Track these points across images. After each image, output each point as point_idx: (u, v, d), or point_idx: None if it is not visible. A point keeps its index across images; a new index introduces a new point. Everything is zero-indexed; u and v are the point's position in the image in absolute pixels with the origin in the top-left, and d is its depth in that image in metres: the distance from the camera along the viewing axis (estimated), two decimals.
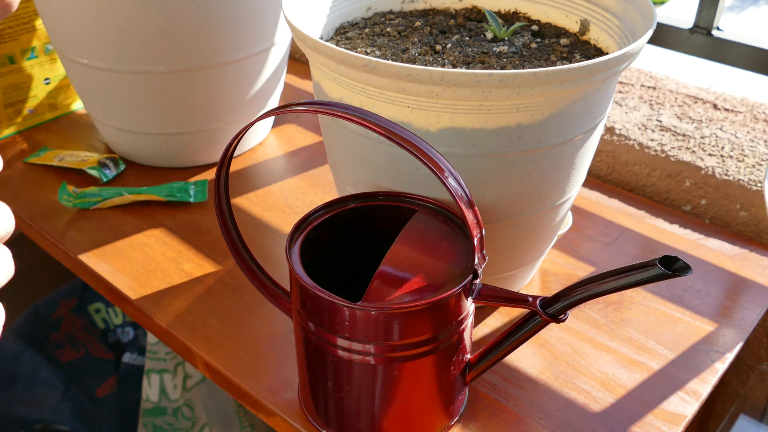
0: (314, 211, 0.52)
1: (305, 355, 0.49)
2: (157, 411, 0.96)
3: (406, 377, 0.47)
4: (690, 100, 0.87)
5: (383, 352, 0.45)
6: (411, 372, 0.47)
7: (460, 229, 0.50)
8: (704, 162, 0.79)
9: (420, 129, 0.50)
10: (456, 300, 0.45)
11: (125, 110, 0.79)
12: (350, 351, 0.46)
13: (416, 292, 0.44)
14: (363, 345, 0.45)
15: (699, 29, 0.77)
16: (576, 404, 0.55)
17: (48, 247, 0.74)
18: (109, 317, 1.15)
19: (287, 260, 0.47)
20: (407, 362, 0.46)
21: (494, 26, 0.60)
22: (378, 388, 0.47)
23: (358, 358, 0.46)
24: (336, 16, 0.64)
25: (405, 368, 0.46)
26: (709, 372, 0.58)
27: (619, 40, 0.58)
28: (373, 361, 0.46)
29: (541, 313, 0.45)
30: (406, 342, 0.45)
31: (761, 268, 0.70)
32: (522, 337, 0.48)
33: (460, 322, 0.47)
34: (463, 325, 0.48)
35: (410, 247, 0.47)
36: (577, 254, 0.71)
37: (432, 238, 0.49)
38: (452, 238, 0.49)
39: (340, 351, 0.46)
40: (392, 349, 0.45)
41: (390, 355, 0.45)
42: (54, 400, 1.03)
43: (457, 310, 0.46)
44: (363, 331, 0.45)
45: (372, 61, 0.47)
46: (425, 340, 0.45)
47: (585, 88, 0.48)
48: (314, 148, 0.88)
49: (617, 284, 0.42)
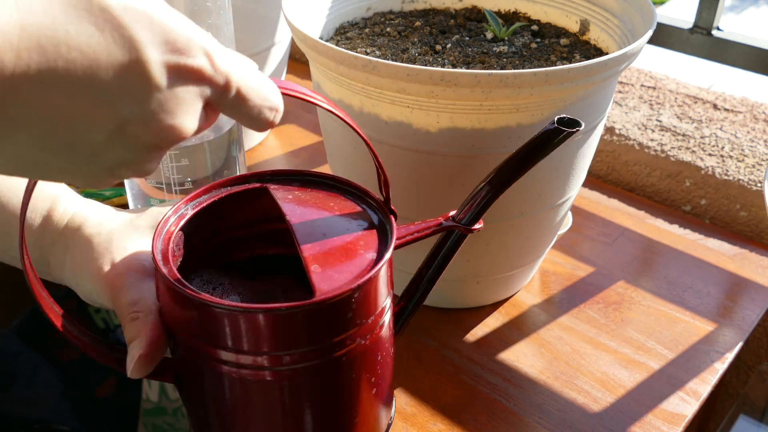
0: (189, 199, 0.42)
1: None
2: (157, 411, 0.96)
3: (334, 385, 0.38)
4: (690, 100, 0.87)
5: (320, 355, 0.36)
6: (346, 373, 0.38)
7: (351, 194, 0.43)
8: (704, 162, 0.79)
9: (420, 129, 0.50)
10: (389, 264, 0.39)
11: None
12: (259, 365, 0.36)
13: (355, 262, 0.37)
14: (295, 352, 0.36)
15: (699, 29, 0.77)
16: (576, 404, 0.55)
17: None
18: (109, 317, 1.15)
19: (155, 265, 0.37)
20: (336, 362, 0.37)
21: (494, 26, 0.60)
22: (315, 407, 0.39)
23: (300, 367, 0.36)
24: (336, 16, 0.64)
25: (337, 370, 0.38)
26: (709, 372, 0.58)
27: (619, 40, 0.58)
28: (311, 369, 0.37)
29: (459, 226, 0.43)
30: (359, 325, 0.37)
31: (761, 268, 0.70)
32: (446, 255, 0.45)
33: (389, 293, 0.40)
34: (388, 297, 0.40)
35: (309, 220, 0.40)
36: (577, 254, 0.71)
37: (320, 208, 0.41)
38: (338, 200, 0.42)
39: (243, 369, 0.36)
40: (334, 346, 0.37)
41: (334, 354, 0.37)
42: (54, 400, 1.03)
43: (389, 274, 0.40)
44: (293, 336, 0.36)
45: (372, 61, 0.47)
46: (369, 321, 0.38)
47: (585, 88, 0.48)
48: (314, 148, 0.88)
49: (515, 163, 0.40)
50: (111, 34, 0.25)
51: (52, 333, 1.11)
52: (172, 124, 0.28)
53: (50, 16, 0.24)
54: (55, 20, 0.24)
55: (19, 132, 0.25)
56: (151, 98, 0.27)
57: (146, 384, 0.95)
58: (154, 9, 0.26)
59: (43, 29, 0.23)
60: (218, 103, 0.30)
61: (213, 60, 0.28)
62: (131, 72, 0.26)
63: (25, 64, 0.23)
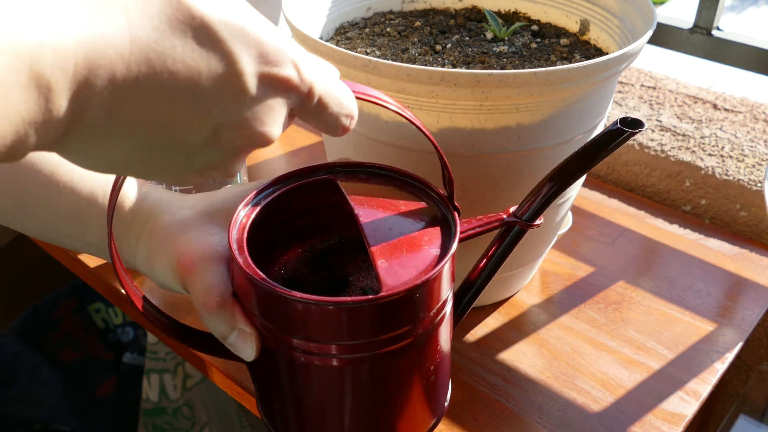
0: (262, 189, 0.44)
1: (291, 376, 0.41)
2: (157, 411, 0.96)
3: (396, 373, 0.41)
4: (690, 100, 0.87)
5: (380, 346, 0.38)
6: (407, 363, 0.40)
7: (419, 189, 0.45)
8: (704, 162, 0.79)
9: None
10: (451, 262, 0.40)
11: None
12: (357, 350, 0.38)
13: (420, 257, 0.39)
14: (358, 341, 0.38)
15: (699, 29, 0.77)
16: (576, 404, 0.55)
17: (48, 247, 0.74)
18: (109, 317, 1.15)
19: (230, 251, 0.40)
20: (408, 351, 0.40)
21: (494, 26, 0.60)
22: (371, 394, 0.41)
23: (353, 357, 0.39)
24: (336, 16, 0.64)
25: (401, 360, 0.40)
26: (709, 372, 0.58)
27: (619, 40, 0.58)
28: (365, 362, 0.39)
29: (520, 222, 0.45)
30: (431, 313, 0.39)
31: (761, 268, 0.70)
32: (505, 250, 0.46)
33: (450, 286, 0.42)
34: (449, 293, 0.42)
35: (375, 214, 0.42)
36: (577, 254, 0.71)
37: (391, 204, 0.43)
38: (408, 198, 0.44)
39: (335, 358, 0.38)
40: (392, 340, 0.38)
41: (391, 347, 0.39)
42: (54, 400, 1.03)
43: (452, 271, 0.41)
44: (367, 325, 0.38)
45: (372, 61, 0.47)
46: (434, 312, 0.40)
47: (585, 88, 0.48)
48: (314, 148, 0.88)
49: (578, 161, 0.41)
50: (211, 47, 0.27)
51: (52, 333, 1.11)
52: (262, 130, 0.31)
53: (158, 31, 0.26)
54: (162, 35, 0.26)
55: (125, 135, 0.27)
56: (244, 106, 0.29)
57: (146, 384, 0.95)
58: (250, 22, 0.29)
59: (151, 43, 0.26)
60: (300, 109, 0.33)
61: (300, 70, 0.31)
62: (228, 82, 0.28)
63: (134, 74, 0.26)
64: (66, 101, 0.24)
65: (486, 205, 0.53)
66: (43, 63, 0.23)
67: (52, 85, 0.23)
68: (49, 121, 0.24)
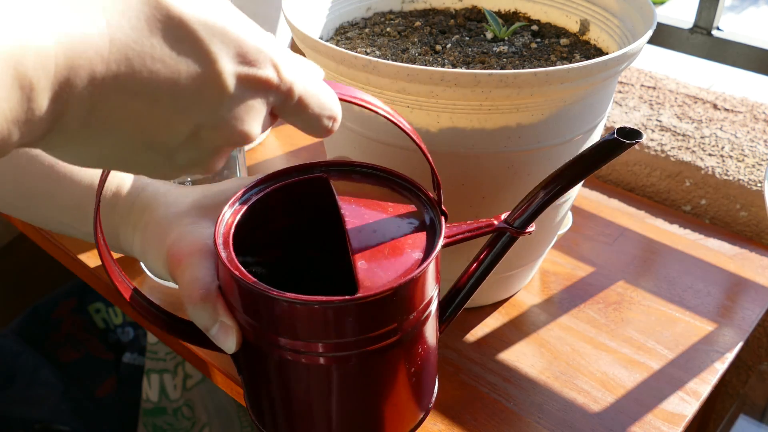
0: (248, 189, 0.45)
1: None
2: (157, 411, 0.96)
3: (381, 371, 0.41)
4: (690, 100, 0.87)
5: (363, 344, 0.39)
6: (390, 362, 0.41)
7: (405, 188, 0.45)
8: (704, 162, 0.79)
9: (420, 129, 0.50)
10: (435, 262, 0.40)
11: None
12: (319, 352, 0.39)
13: (401, 260, 0.39)
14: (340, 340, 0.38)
15: (699, 29, 0.77)
16: (576, 404, 0.55)
17: (48, 247, 0.74)
18: (109, 317, 1.15)
19: (216, 250, 0.40)
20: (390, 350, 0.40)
21: (494, 26, 0.60)
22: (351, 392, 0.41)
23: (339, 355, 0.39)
24: (336, 16, 0.64)
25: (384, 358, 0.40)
26: (709, 372, 0.58)
27: (619, 40, 0.58)
28: (353, 359, 0.39)
29: (511, 229, 0.44)
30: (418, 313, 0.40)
31: (761, 268, 0.70)
32: (495, 257, 0.46)
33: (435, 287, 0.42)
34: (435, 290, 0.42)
35: (362, 215, 0.42)
36: (577, 254, 0.71)
37: (376, 203, 0.43)
38: (394, 197, 0.44)
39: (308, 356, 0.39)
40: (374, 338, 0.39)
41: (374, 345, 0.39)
42: (54, 400, 1.03)
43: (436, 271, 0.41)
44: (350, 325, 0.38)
45: (372, 61, 0.47)
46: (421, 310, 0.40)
47: (585, 88, 0.48)
48: (314, 148, 0.88)
49: (572, 171, 0.41)
50: (190, 47, 0.28)
51: (52, 333, 1.11)
52: (242, 129, 0.31)
53: (136, 30, 0.26)
54: (140, 34, 0.26)
55: (106, 133, 0.28)
56: (223, 106, 0.30)
57: (146, 384, 0.95)
58: (230, 22, 0.29)
59: (130, 42, 0.26)
60: (280, 109, 0.33)
61: (279, 70, 0.31)
62: (207, 82, 0.28)
63: (114, 74, 0.26)
64: (47, 101, 0.24)
65: (486, 206, 0.53)
66: (25, 64, 0.23)
67: (35, 85, 0.24)
68: (31, 120, 0.24)
